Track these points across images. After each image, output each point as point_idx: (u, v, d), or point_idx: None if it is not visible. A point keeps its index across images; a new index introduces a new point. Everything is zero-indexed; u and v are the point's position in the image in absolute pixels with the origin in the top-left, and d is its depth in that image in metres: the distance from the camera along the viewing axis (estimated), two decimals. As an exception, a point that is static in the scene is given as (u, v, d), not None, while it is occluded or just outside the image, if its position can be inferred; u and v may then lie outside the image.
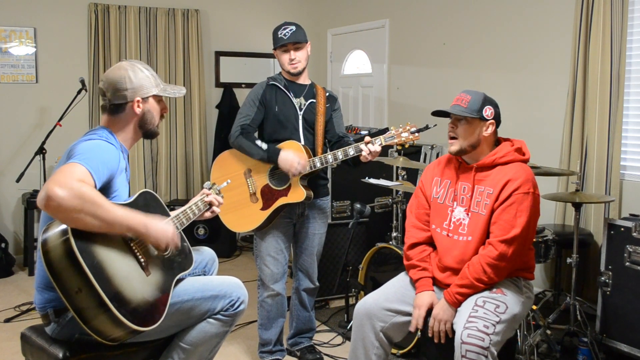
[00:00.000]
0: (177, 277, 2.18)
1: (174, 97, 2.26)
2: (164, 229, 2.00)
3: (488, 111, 2.44)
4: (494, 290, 2.36)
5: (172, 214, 2.30)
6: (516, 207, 2.34)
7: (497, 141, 2.55)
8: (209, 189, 2.43)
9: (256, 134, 3.10)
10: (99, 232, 1.85)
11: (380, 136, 2.89)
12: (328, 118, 3.16)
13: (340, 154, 2.90)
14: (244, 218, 3.04)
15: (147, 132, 2.23)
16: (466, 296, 2.36)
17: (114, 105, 2.15)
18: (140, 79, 2.15)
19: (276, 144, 3.01)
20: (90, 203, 1.77)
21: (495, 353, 2.17)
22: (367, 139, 2.86)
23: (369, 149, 2.84)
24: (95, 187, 1.88)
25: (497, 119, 2.48)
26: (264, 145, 2.97)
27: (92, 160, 1.89)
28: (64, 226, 1.80)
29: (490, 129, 2.46)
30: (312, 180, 3.07)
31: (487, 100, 2.46)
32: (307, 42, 3.08)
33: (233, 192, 3.00)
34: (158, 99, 2.23)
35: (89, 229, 1.81)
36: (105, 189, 1.99)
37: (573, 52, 3.83)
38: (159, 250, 2.08)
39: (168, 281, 2.11)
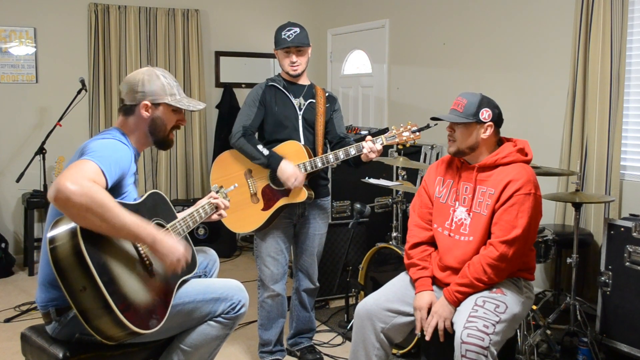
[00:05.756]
0: (181, 280, 2.18)
1: (190, 111, 2.25)
2: (173, 246, 1.97)
3: (485, 114, 2.43)
4: (494, 290, 2.36)
5: (179, 215, 2.30)
6: (517, 208, 2.34)
7: (500, 141, 2.55)
8: (217, 192, 2.44)
9: (256, 135, 3.11)
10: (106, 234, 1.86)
11: (382, 135, 2.89)
12: (328, 118, 3.15)
13: (341, 153, 2.90)
14: (244, 219, 3.03)
15: (157, 140, 2.23)
16: (465, 295, 2.36)
17: (126, 106, 2.18)
18: (154, 84, 2.16)
19: (276, 144, 3.01)
20: (99, 205, 1.76)
21: (495, 353, 2.18)
22: (369, 137, 2.86)
23: (370, 147, 2.84)
24: (107, 185, 1.88)
25: (496, 120, 2.46)
26: (265, 151, 2.95)
27: (105, 158, 1.90)
28: (73, 224, 1.80)
29: (489, 132, 2.45)
30: (313, 180, 3.07)
31: (485, 103, 2.45)
32: (310, 46, 3.08)
33: (234, 193, 2.99)
34: (172, 108, 2.21)
35: (95, 229, 1.81)
36: (116, 189, 1.99)
37: (573, 52, 3.83)
38: (164, 264, 2.04)
39: (172, 284, 2.11)
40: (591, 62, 3.71)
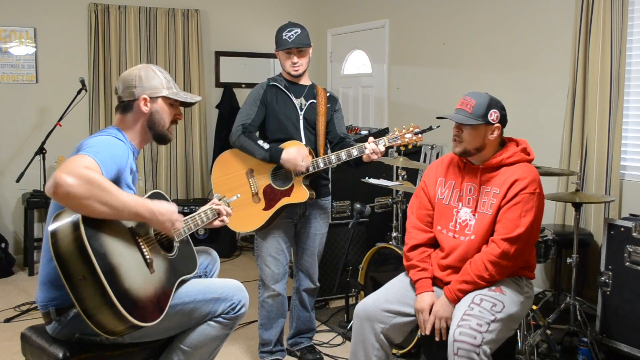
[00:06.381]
0: (181, 279, 2.18)
1: (188, 103, 2.29)
2: (168, 211, 2.02)
3: (494, 115, 2.42)
4: (493, 288, 2.36)
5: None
6: (522, 207, 2.34)
7: (503, 141, 2.54)
8: (219, 200, 2.44)
9: (257, 134, 3.11)
10: (107, 220, 1.87)
11: (384, 137, 2.88)
12: (329, 119, 3.15)
13: (343, 154, 2.89)
14: (246, 218, 3.03)
15: (156, 134, 2.24)
16: (466, 293, 2.36)
17: (124, 103, 2.19)
18: (151, 79, 2.19)
19: (278, 144, 3.01)
20: (99, 189, 1.79)
21: (489, 351, 2.17)
22: (371, 139, 2.86)
23: (373, 149, 2.83)
24: None
25: (502, 121, 2.46)
26: (266, 145, 2.96)
27: (101, 153, 1.91)
28: (75, 215, 1.81)
29: (496, 133, 2.44)
30: (314, 180, 3.07)
31: (493, 104, 2.43)
32: (311, 46, 3.08)
33: (235, 192, 2.99)
34: (170, 102, 2.24)
35: (97, 215, 1.82)
36: None
37: (573, 52, 3.83)
38: (165, 232, 2.07)
39: (171, 281, 2.11)
40: (591, 62, 3.71)
